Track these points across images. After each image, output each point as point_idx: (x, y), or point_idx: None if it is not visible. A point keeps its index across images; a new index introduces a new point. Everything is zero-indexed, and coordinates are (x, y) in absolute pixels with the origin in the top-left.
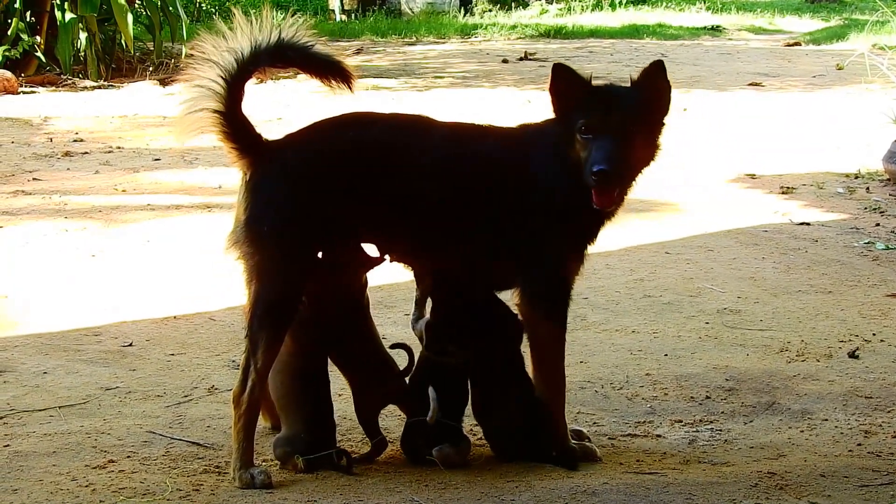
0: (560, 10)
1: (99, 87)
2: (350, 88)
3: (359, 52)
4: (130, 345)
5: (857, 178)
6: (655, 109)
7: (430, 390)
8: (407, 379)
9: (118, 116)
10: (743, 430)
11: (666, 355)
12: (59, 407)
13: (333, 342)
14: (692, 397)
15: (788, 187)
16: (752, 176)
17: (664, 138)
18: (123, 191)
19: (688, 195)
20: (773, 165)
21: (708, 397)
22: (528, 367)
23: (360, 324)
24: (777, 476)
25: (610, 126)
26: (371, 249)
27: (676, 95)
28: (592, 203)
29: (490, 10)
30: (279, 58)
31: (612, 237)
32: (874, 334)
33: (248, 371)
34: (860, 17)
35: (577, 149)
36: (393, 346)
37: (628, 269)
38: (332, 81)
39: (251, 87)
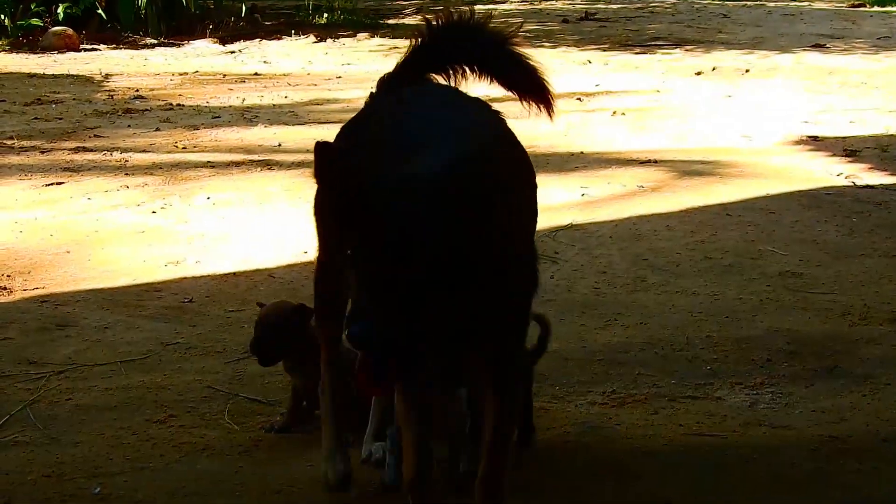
0: None
1: (159, 45)
2: (549, 115)
3: (419, 11)
4: (191, 301)
5: None
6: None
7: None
8: None
9: (178, 74)
10: (804, 394)
11: (727, 318)
12: (120, 362)
13: None
14: (753, 360)
15: (852, 150)
16: (815, 138)
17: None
18: (184, 148)
19: (749, 157)
20: (837, 128)
21: (769, 360)
22: None
23: None
24: (839, 440)
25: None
26: None
27: (737, 56)
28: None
29: None
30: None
31: (673, 198)
32: None
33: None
34: None
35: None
36: None
37: (689, 231)
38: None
39: (312, 45)
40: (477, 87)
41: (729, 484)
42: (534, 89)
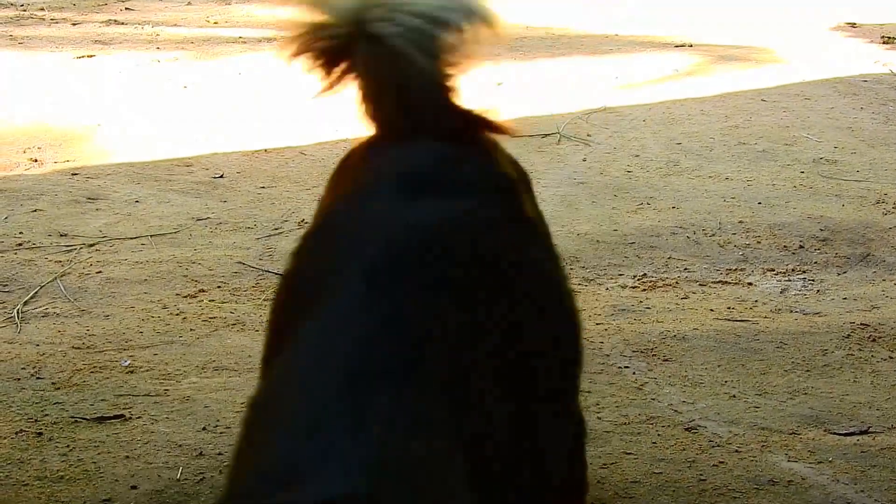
0: None
1: None
2: None
3: None
4: (221, 176)
5: None
6: None
7: None
8: None
9: None
10: (836, 281)
11: (759, 203)
12: (151, 236)
13: None
14: (785, 246)
15: (890, 37)
16: (853, 24)
17: None
18: (216, 23)
19: (785, 43)
20: (875, 14)
21: (801, 247)
22: None
23: None
24: (870, 328)
25: None
26: None
27: None
28: None
29: None
30: None
31: (708, 83)
32: None
33: None
34: None
35: None
36: None
37: (723, 116)
38: None
39: None
40: None
41: (758, 368)
42: None
